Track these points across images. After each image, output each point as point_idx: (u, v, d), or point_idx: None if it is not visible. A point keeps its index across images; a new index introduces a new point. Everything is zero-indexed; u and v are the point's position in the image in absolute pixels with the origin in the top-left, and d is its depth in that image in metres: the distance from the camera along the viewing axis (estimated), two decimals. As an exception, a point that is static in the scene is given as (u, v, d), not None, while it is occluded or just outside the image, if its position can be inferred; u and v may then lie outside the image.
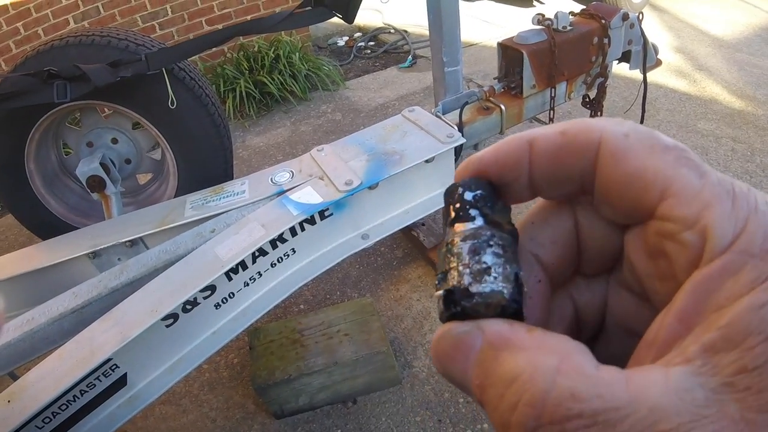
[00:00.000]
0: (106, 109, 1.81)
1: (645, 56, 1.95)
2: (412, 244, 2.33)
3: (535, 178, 0.23)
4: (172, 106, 1.69)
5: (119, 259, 1.49)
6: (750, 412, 0.16)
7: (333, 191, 1.36)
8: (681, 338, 0.19)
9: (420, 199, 1.52)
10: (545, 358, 0.18)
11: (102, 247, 1.46)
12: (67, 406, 1.11)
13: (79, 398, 1.12)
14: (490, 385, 0.19)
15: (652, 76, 3.32)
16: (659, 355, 0.19)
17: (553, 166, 0.23)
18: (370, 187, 1.38)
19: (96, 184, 1.72)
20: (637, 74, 1.95)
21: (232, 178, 1.92)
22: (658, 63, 2.09)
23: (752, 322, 0.17)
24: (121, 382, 1.17)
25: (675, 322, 0.19)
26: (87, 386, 1.12)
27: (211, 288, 1.22)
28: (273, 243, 1.30)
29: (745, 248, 0.18)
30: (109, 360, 1.12)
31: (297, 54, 3.72)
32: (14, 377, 1.23)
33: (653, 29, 4.22)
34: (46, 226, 1.97)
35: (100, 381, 1.13)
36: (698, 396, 0.17)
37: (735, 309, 0.17)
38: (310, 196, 1.37)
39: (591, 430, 0.17)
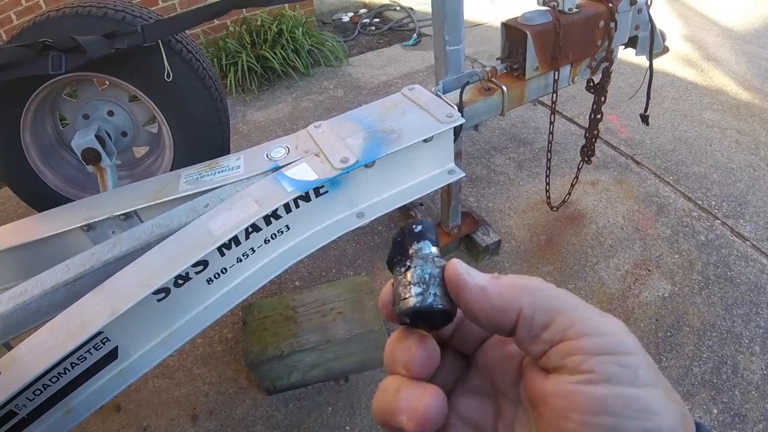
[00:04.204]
0: (106, 82, 1.79)
1: (652, 42, 1.91)
2: (410, 225, 2.32)
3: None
4: (168, 78, 1.67)
5: (113, 232, 1.48)
6: None
7: (329, 168, 1.35)
8: None
9: (417, 178, 1.50)
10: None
11: (96, 219, 1.45)
12: (58, 379, 1.11)
13: (70, 371, 1.12)
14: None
15: (659, 63, 3.27)
16: None
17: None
18: (366, 165, 1.36)
19: (91, 156, 1.71)
20: (643, 61, 1.92)
21: (228, 153, 1.90)
22: (665, 50, 2.04)
23: None
24: (112, 355, 1.17)
25: None
26: (78, 359, 1.11)
27: (204, 263, 1.21)
28: (267, 219, 1.28)
29: None
30: (99, 333, 1.11)
31: (300, 29, 3.67)
32: (9, 347, 1.23)
33: (662, 16, 4.15)
34: (43, 199, 1.96)
35: (91, 354, 1.13)
36: None
37: None
38: (305, 172, 1.35)
39: None
